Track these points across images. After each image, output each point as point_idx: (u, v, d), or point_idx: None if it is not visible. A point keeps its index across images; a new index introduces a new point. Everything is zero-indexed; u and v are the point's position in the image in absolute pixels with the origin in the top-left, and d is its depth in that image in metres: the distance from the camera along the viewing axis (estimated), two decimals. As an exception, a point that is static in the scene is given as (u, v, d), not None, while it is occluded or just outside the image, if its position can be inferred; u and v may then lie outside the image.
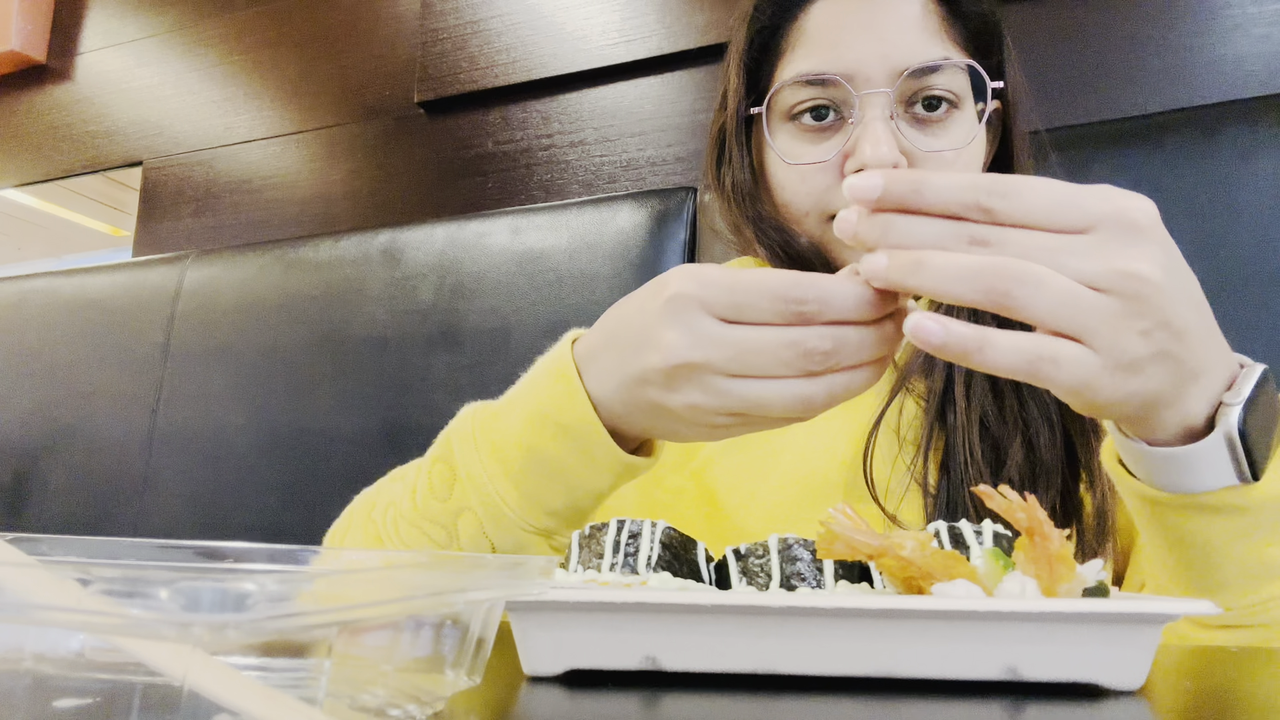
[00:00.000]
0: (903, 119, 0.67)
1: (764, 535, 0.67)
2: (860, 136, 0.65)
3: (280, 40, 1.75)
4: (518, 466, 0.51)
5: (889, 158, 0.64)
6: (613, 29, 1.42)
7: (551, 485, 0.51)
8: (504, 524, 0.52)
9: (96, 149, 1.92)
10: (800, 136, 0.69)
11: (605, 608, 0.36)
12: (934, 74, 0.66)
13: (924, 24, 0.67)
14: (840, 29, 0.67)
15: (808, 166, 0.68)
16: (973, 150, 0.69)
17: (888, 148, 0.64)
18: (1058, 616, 0.34)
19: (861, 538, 0.38)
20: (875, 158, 0.64)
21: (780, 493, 0.68)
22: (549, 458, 0.50)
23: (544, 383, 0.51)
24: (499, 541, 0.52)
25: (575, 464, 0.50)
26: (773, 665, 0.36)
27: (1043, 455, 0.64)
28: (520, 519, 0.52)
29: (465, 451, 0.53)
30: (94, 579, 0.20)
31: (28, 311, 1.54)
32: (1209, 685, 0.40)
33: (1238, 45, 1.07)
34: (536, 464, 0.51)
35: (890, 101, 0.65)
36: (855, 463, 0.67)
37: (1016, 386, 0.66)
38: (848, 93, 0.66)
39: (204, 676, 0.22)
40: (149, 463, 1.37)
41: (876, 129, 0.65)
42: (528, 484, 0.51)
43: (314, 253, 1.36)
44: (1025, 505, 0.39)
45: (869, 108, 0.65)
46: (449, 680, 0.30)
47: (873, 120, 0.65)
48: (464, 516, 0.53)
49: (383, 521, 0.57)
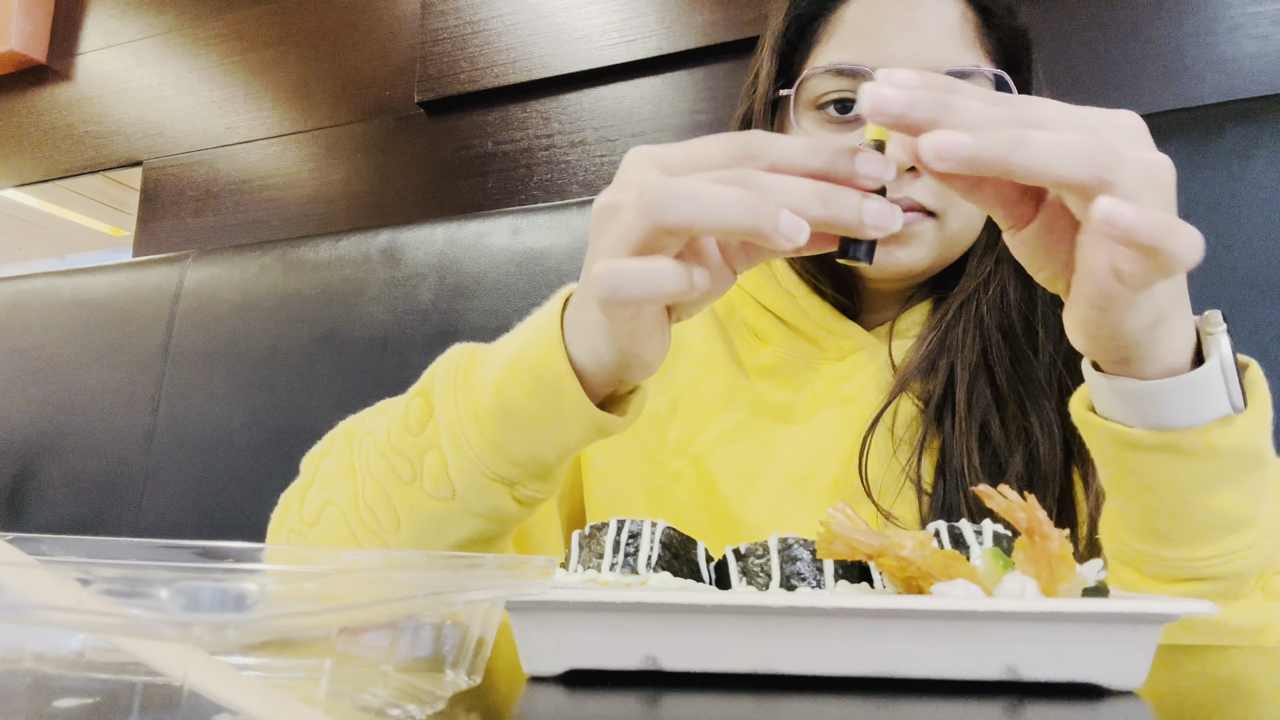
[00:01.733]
0: None
1: (762, 527, 0.68)
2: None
3: (280, 40, 1.75)
4: (487, 411, 0.50)
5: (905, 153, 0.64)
6: (613, 29, 1.42)
7: (518, 435, 0.50)
8: (467, 467, 0.51)
9: (96, 149, 1.92)
10: (824, 126, 0.69)
11: (605, 608, 0.36)
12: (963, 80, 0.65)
13: (960, 31, 0.67)
14: (877, 24, 0.67)
15: None
16: None
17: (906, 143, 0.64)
18: (1057, 616, 0.34)
19: (861, 537, 0.38)
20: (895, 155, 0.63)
21: (778, 485, 0.69)
22: (519, 407, 0.50)
23: (528, 334, 0.50)
24: (460, 484, 0.52)
25: (544, 416, 0.49)
26: (773, 665, 0.36)
27: (1043, 466, 0.65)
28: (483, 464, 0.51)
29: (444, 390, 0.53)
30: (94, 579, 0.20)
31: (28, 311, 1.55)
32: (1209, 685, 0.40)
33: (1238, 45, 1.07)
34: (506, 412, 0.50)
35: None
36: (851, 460, 0.68)
37: (1019, 395, 0.66)
38: None
39: (204, 676, 0.22)
40: (149, 462, 1.37)
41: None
42: (494, 430, 0.50)
43: (314, 253, 1.36)
44: (1025, 505, 0.39)
45: None
46: (449, 680, 0.30)
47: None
48: (431, 454, 0.52)
49: (358, 451, 0.57)
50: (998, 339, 0.68)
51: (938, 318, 0.70)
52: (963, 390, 0.66)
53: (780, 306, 0.74)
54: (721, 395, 0.73)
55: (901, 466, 0.67)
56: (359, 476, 0.55)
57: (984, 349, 0.68)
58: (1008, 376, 0.67)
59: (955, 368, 0.68)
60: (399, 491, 0.53)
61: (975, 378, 0.67)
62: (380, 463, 0.54)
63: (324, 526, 0.56)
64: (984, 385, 0.66)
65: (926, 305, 0.73)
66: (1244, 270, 0.87)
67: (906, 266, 0.68)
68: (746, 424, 0.72)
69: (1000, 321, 0.68)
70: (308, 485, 0.60)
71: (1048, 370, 0.67)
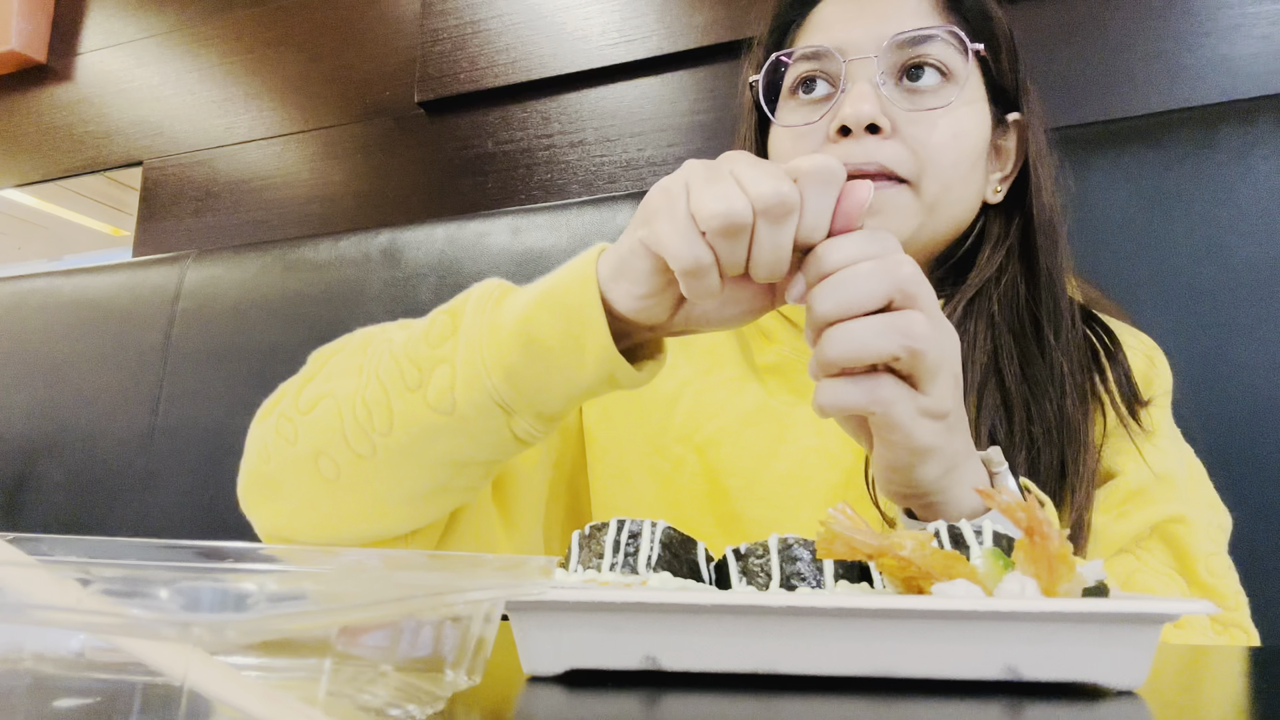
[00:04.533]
0: (891, 87, 0.67)
1: (763, 524, 0.68)
2: (845, 96, 0.66)
3: (280, 40, 1.75)
4: (509, 335, 0.51)
5: (869, 114, 0.64)
6: (613, 29, 1.42)
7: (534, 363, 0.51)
8: (474, 385, 0.52)
9: (96, 149, 1.92)
10: (798, 109, 0.70)
11: (605, 608, 0.36)
12: (923, 44, 0.67)
13: (918, 6, 0.69)
14: (840, 17, 0.70)
15: (798, 130, 0.69)
16: (962, 122, 0.68)
17: (869, 106, 0.64)
18: (1057, 616, 0.34)
19: (861, 538, 0.38)
20: (855, 114, 0.64)
21: (781, 484, 0.69)
22: (542, 335, 0.51)
23: (563, 272, 0.52)
24: (462, 400, 0.52)
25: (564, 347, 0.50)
26: (773, 665, 0.36)
27: (1042, 473, 0.64)
28: (491, 385, 0.52)
29: (473, 311, 0.54)
30: (94, 579, 0.20)
31: (28, 311, 1.54)
32: (1209, 685, 0.40)
33: (1238, 45, 1.07)
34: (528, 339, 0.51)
35: (876, 67, 0.66)
36: (855, 464, 0.67)
37: (1025, 399, 0.66)
38: (838, 64, 0.67)
39: (204, 676, 0.22)
40: (149, 462, 1.37)
41: (859, 89, 0.65)
42: (512, 355, 0.51)
43: (314, 253, 1.36)
44: (1025, 505, 0.39)
45: (856, 73, 0.67)
46: (449, 680, 0.30)
47: (857, 81, 0.66)
48: (441, 368, 0.53)
49: (370, 354, 0.57)
50: (1008, 340, 0.68)
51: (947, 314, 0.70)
52: (972, 394, 0.66)
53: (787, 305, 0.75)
54: (730, 389, 0.74)
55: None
56: (364, 375, 0.56)
57: (994, 349, 0.67)
58: (1016, 379, 0.67)
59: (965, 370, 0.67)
60: (401, 396, 0.54)
61: (985, 381, 0.66)
62: (390, 366, 0.55)
63: (315, 416, 0.57)
64: (993, 388, 0.66)
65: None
66: (1243, 270, 0.87)
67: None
68: (753, 420, 0.72)
69: (1011, 320, 0.68)
70: (309, 377, 0.61)
71: (1051, 371, 0.67)
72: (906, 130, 0.66)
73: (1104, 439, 0.67)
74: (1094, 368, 0.69)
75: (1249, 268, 0.87)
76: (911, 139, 0.66)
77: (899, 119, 0.66)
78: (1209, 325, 0.88)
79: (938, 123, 0.66)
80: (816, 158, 0.47)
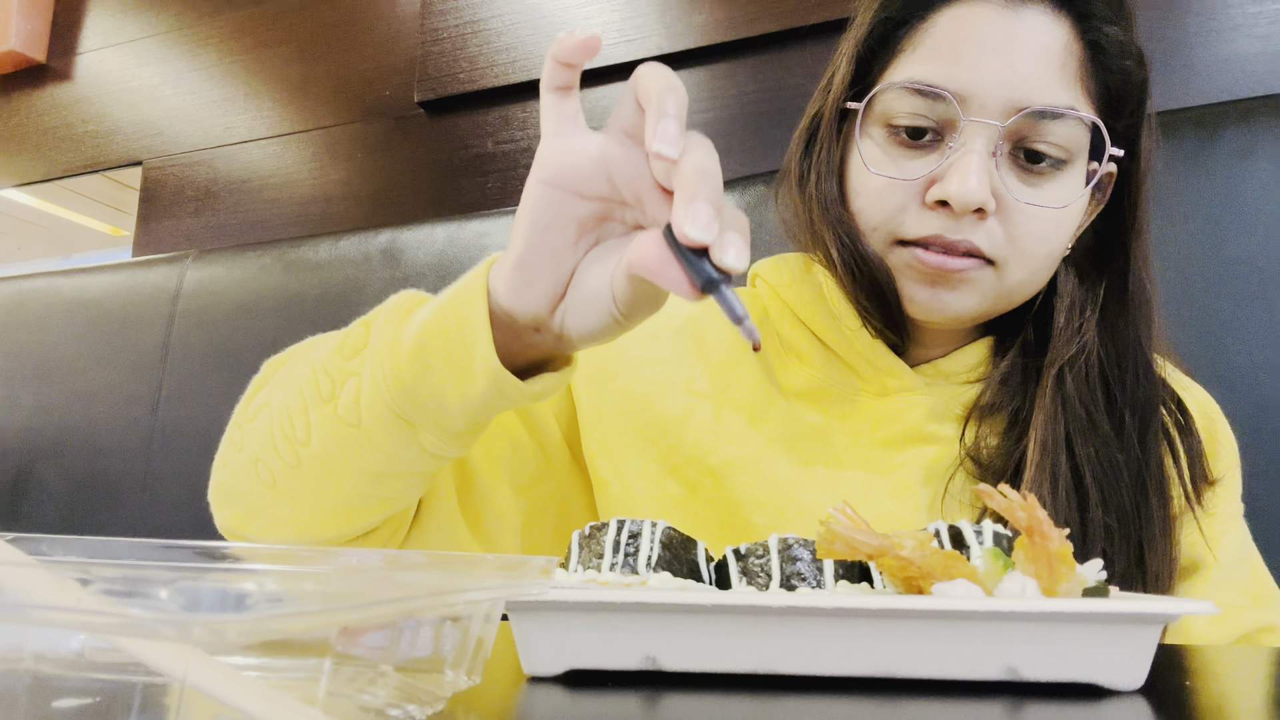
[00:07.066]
0: (1005, 159, 0.60)
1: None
2: (954, 165, 0.59)
3: (280, 40, 1.75)
4: (406, 349, 0.50)
5: (977, 197, 0.58)
6: (613, 29, 1.42)
7: (427, 376, 0.50)
8: (376, 399, 0.51)
9: (96, 149, 1.92)
10: (892, 146, 0.63)
11: (605, 608, 0.36)
12: (1054, 121, 0.60)
13: (1061, 63, 0.60)
14: (968, 41, 0.60)
15: (888, 181, 0.62)
16: (1070, 212, 0.62)
17: (978, 183, 0.58)
18: (1058, 616, 0.34)
19: (861, 538, 0.38)
20: (962, 194, 0.58)
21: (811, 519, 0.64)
22: (434, 348, 0.50)
23: (460, 281, 0.51)
24: (366, 414, 0.52)
25: (453, 360, 0.49)
26: (773, 665, 0.36)
27: (1116, 561, 0.60)
28: (390, 399, 0.51)
29: (382, 326, 0.53)
30: (94, 579, 0.20)
31: (28, 311, 1.54)
32: (1209, 685, 0.40)
33: (1238, 45, 1.07)
34: (422, 352, 0.50)
35: (998, 136, 0.59)
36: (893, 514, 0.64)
37: (1101, 486, 0.61)
38: (955, 114, 0.60)
39: (204, 676, 0.22)
40: (149, 463, 1.37)
41: (972, 161, 0.59)
42: (408, 369, 0.50)
43: (314, 253, 1.36)
44: (1025, 504, 0.39)
45: (973, 137, 0.59)
46: (449, 680, 0.30)
47: (971, 152, 0.59)
48: (350, 380, 0.53)
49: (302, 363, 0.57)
50: (1080, 415, 0.62)
51: (1009, 380, 0.65)
52: (1046, 476, 0.61)
53: (823, 327, 0.69)
54: (752, 410, 0.68)
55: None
56: (291, 386, 0.56)
57: (1066, 428, 0.62)
58: (1089, 462, 0.61)
59: (1028, 447, 0.62)
60: (316, 407, 0.54)
61: (1058, 467, 0.61)
62: (309, 378, 0.55)
63: (256, 425, 0.57)
64: (1067, 472, 0.61)
65: (980, 348, 0.68)
66: (1244, 269, 0.87)
67: (954, 314, 0.63)
68: (781, 447, 0.67)
69: (1084, 396, 0.63)
70: (259, 385, 0.61)
71: (1128, 455, 0.62)
72: (1008, 213, 0.61)
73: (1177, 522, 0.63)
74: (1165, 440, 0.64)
75: (1249, 267, 0.87)
76: (1010, 224, 0.61)
77: (1006, 203, 0.60)
78: (1209, 325, 0.88)
79: (1043, 215, 0.61)
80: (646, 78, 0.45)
